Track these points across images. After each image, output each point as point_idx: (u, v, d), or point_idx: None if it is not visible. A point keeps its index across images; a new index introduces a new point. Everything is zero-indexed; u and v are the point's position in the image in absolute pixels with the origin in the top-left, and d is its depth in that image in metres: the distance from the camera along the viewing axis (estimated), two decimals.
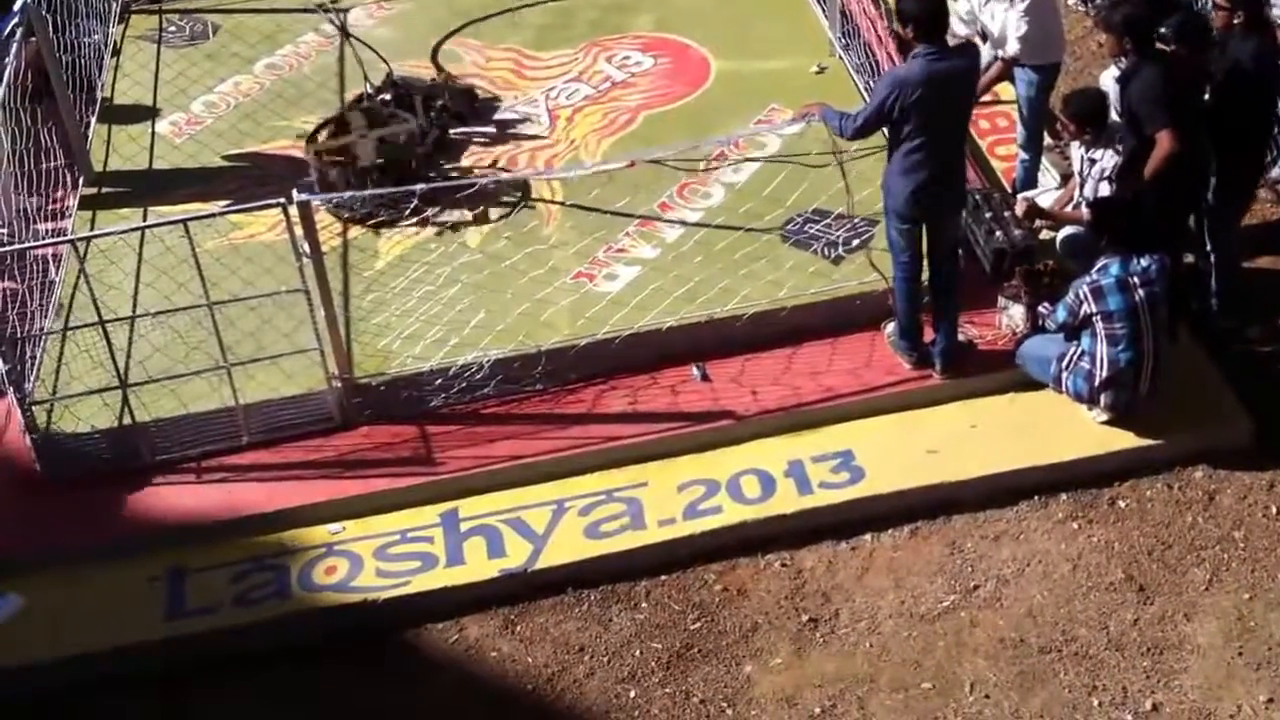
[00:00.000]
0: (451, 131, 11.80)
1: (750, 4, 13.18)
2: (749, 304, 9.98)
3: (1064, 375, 9.38)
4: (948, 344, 9.67)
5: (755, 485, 9.27)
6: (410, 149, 11.33)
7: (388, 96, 11.89)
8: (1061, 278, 9.75)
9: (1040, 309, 9.60)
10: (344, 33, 12.40)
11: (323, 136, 11.47)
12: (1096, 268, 9.22)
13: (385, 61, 12.23)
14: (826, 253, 10.37)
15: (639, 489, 9.31)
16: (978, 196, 10.35)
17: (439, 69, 12.59)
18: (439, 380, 9.72)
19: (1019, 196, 10.55)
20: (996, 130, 11.78)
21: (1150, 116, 9.46)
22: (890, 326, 9.85)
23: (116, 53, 13.11)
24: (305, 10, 13.25)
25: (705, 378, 9.86)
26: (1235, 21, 9.74)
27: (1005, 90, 11.58)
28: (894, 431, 9.56)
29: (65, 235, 10.79)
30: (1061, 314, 9.30)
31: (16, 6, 11.20)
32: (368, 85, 12.00)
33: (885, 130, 9.21)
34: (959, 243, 9.71)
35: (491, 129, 11.99)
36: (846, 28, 12.16)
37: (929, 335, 9.72)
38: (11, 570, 9.05)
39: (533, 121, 11.97)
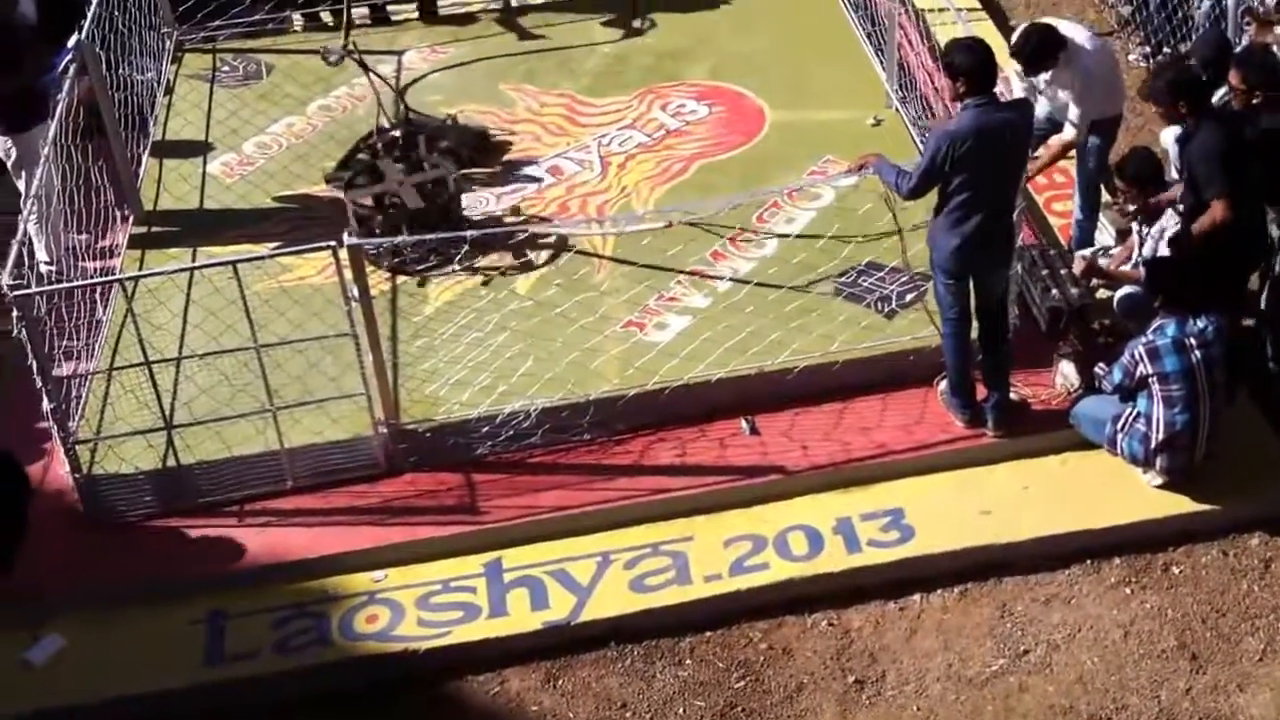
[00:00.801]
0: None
1: (807, 54, 13.14)
2: (800, 357, 9.89)
3: (1119, 437, 9.25)
4: (1000, 402, 9.55)
5: (803, 542, 9.16)
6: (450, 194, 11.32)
7: (397, 134, 11.89)
8: (1118, 337, 9.65)
9: (1096, 369, 9.48)
10: (363, 66, 12.51)
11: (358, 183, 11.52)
12: (1153, 328, 9.11)
13: (401, 98, 12.34)
14: (880, 307, 10.28)
15: (685, 543, 9.22)
16: (1034, 253, 10.28)
17: (407, 107, 12.64)
18: (486, 428, 9.65)
19: (1076, 254, 10.46)
20: (1054, 186, 11.65)
21: (1209, 180, 9.36)
22: (943, 383, 9.74)
23: (169, 91, 13.14)
24: (309, 51, 13.43)
25: (754, 431, 9.77)
26: (1255, 101, 9.61)
27: None
28: (945, 490, 9.44)
29: (114, 274, 10.79)
30: (1117, 375, 9.18)
31: (70, 43, 11.25)
32: (380, 123, 12.01)
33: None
34: (1009, 299, 9.60)
35: (497, 169, 11.98)
36: (904, 80, 12.10)
37: (983, 393, 9.60)
38: (52, 611, 9.01)
39: (583, 167, 11.93)
